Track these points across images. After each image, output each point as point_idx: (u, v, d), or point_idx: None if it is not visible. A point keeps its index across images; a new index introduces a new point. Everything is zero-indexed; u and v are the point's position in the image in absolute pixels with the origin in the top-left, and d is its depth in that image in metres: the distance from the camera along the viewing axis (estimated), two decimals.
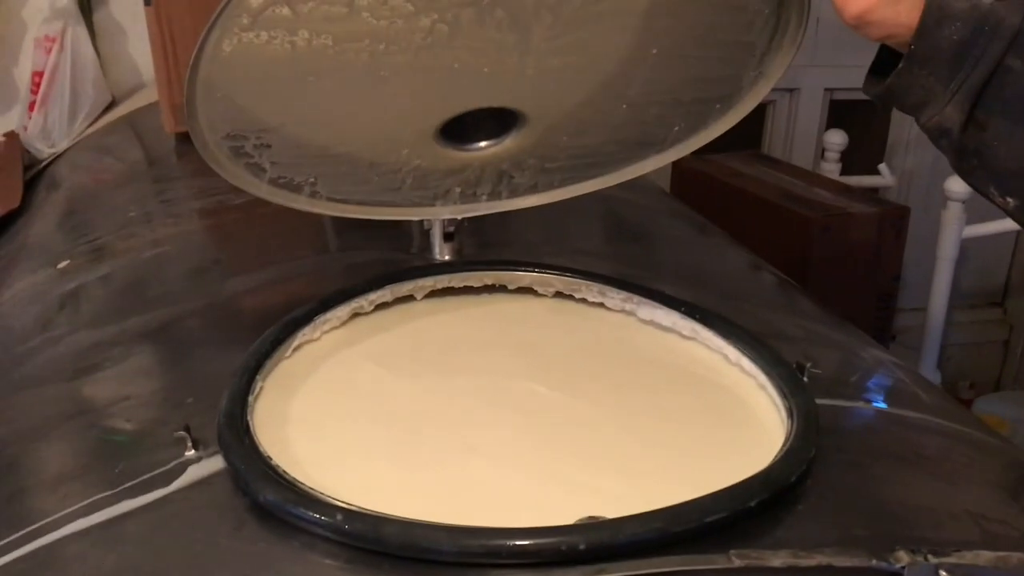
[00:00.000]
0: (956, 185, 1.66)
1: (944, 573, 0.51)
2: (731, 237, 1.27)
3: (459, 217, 0.90)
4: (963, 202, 1.67)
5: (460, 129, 0.80)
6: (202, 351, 0.82)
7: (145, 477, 0.63)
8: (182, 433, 0.65)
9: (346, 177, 0.82)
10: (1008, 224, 1.77)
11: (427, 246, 0.97)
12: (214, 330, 0.87)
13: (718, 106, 0.82)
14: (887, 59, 0.65)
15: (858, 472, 0.64)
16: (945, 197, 1.70)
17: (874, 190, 2.01)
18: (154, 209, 1.20)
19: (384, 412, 0.71)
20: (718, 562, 0.51)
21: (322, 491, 0.57)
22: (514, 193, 0.89)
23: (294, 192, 0.81)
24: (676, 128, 0.83)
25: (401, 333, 0.83)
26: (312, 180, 0.80)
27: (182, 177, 1.33)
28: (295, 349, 0.77)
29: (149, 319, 0.88)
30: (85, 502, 0.62)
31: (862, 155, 2.21)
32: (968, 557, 0.52)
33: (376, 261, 0.98)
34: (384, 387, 0.74)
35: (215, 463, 0.63)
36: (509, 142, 0.80)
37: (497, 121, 0.80)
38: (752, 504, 0.55)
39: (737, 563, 0.51)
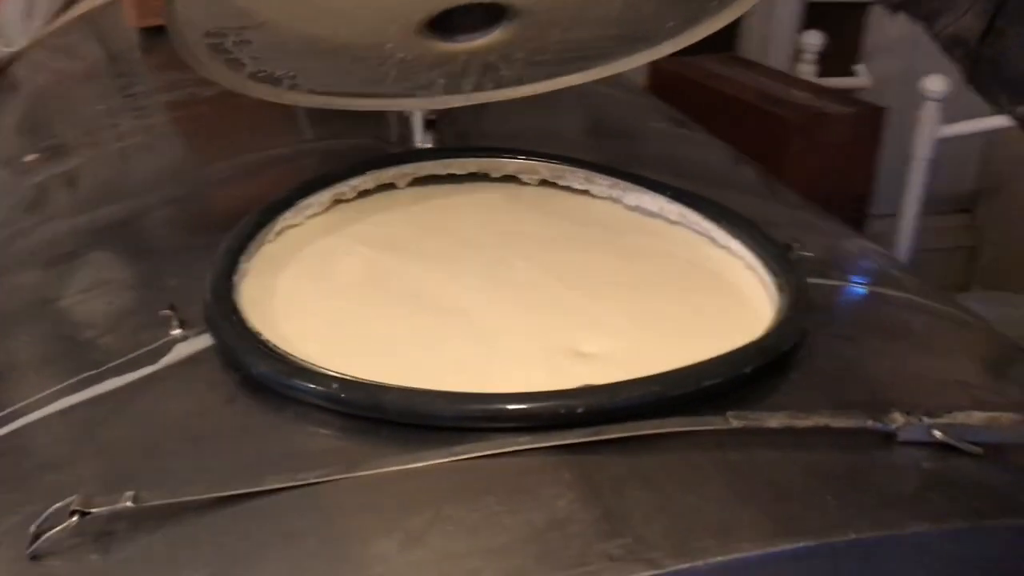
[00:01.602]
0: (933, 84, 1.65)
1: (937, 433, 0.52)
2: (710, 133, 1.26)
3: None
4: (940, 101, 1.66)
5: (447, 22, 0.77)
6: (180, 238, 0.81)
7: (131, 356, 0.62)
8: (168, 312, 0.64)
9: (328, 70, 0.79)
10: (983, 124, 1.78)
11: (407, 135, 0.95)
12: (191, 219, 0.85)
13: (714, 2, 0.79)
14: None
15: (850, 345, 0.65)
16: (922, 96, 1.69)
17: (850, 92, 2.00)
18: (120, 104, 1.16)
19: (372, 290, 0.70)
20: (716, 424, 0.51)
21: (313, 362, 0.56)
22: (499, 85, 0.86)
23: (274, 85, 0.78)
24: (669, 24, 0.80)
25: (384, 219, 0.81)
26: (292, 74, 0.77)
27: (147, 72, 1.29)
28: (278, 233, 0.75)
29: (123, 209, 0.86)
30: (69, 381, 0.61)
31: (838, 57, 2.19)
32: (960, 418, 0.53)
33: (353, 149, 0.95)
34: (371, 268, 0.73)
35: (202, 341, 0.62)
36: (497, 35, 0.77)
37: (486, 14, 0.77)
38: (748, 370, 0.56)
39: (735, 424, 0.51)
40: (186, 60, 0.68)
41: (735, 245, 0.76)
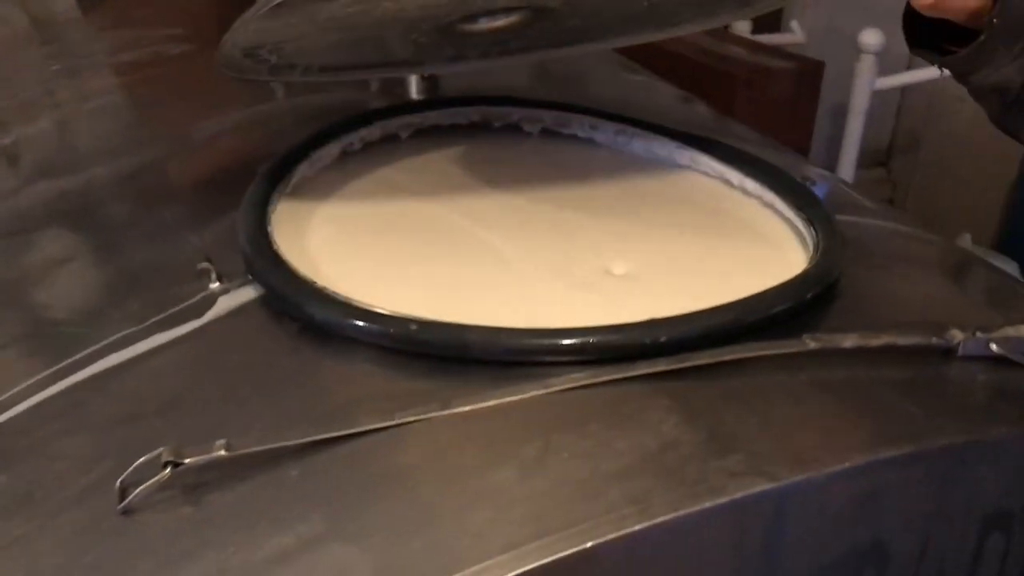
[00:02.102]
0: (869, 37, 1.70)
1: (994, 346, 0.54)
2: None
3: None
4: (876, 55, 1.72)
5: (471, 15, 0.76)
6: (186, 194, 0.78)
7: (174, 311, 0.60)
8: (206, 264, 0.61)
9: (344, 55, 0.77)
10: (917, 75, 1.85)
11: (388, 86, 0.94)
12: (190, 176, 0.82)
13: (732, 5, 0.80)
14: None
15: (883, 273, 0.67)
16: (858, 50, 1.74)
17: (782, 47, 2.05)
18: (79, 63, 1.10)
19: (402, 234, 0.69)
20: (794, 347, 0.52)
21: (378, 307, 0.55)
22: (503, 54, 0.85)
23: (289, 70, 0.75)
24: (686, 17, 0.81)
25: (396, 170, 0.80)
26: (310, 62, 0.75)
27: (95, 33, 1.23)
28: (295, 186, 0.74)
29: (116, 168, 0.82)
30: (115, 337, 0.58)
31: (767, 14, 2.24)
32: (1010, 332, 0.55)
33: (339, 104, 0.94)
34: (397, 213, 0.72)
35: (244, 293, 0.61)
36: (516, 19, 0.76)
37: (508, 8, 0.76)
38: (809, 297, 0.57)
39: (812, 345, 0.52)
40: (221, 66, 0.66)
41: (750, 184, 0.77)
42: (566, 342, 0.51)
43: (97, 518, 0.46)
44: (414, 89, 0.91)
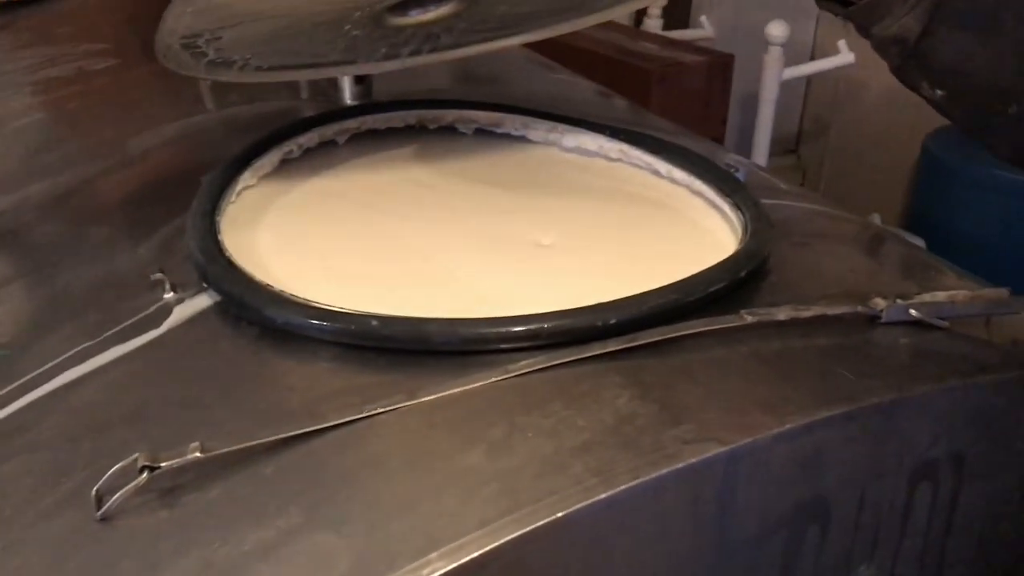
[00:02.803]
0: (776, 29, 1.77)
1: (914, 312, 0.59)
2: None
3: None
4: (782, 46, 1.79)
5: (403, 2, 0.78)
6: (126, 209, 0.78)
7: (129, 322, 0.60)
8: (160, 275, 0.62)
9: (280, 52, 0.78)
10: (821, 65, 1.93)
11: (323, 91, 0.95)
12: (128, 191, 0.82)
13: None
14: None
15: (807, 249, 0.71)
16: (766, 42, 1.81)
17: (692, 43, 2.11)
18: (1, 81, 1.08)
19: (346, 237, 0.71)
20: (733, 321, 0.56)
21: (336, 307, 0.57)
22: (435, 50, 0.87)
23: (226, 67, 0.76)
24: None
25: (336, 174, 0.82)
26: (248, 56, 0.76)
27: (11, 50, 1.21)
28: (238, 194, 0.75)
29: (51, 186, 0.82)
30: (70, 352, 0.59)
31: (673, 11, 2.31)
32: (927, 298, 0.60)
33: (272, 112, 0.95)
34: (338, 216, 0.74)
35: (201, 302, 0.62)
36: (447, 9, 0.78)
37: None
38: (743, 275, 0.61)
39: (749, 320, 0.56)
40: (162, 61, 0.66)
41: (678, 174, 0.81)
42: (521, 328, 0.54)
43: (75, 527, 0.47)
44: (348, 94, 0.92)
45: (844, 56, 1.82)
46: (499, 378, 0.52)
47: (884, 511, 0.55)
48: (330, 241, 0.71)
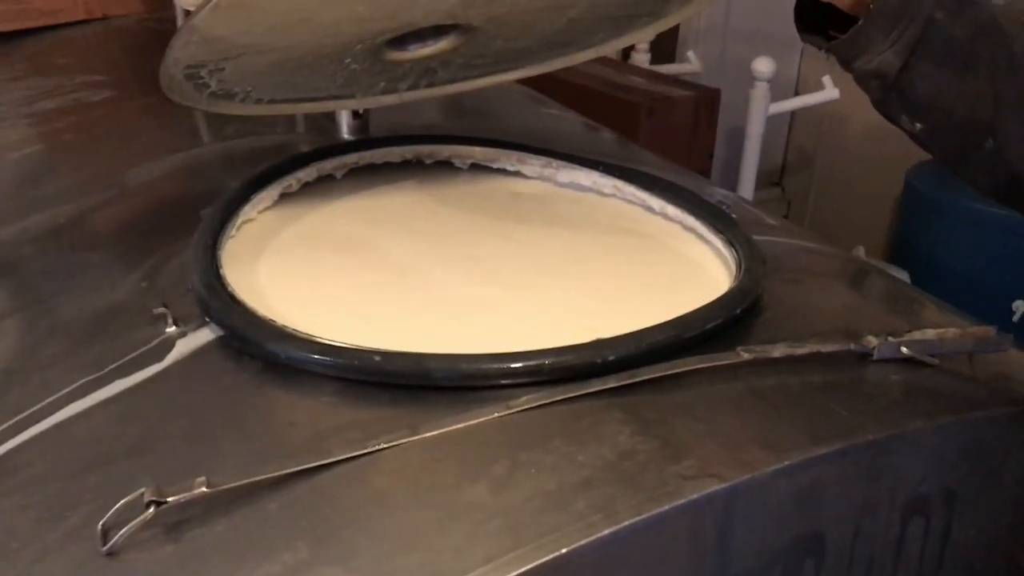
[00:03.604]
0: (762, 65, 1.80)
1: (904, 349, 0.60)
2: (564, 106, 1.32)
3: None
4: (768, 81, 1.82)
5: (402, 36, 0.79)
6: (126, 241, 0.79)
7: (132, 356, 0.61)
8: (162, 309, 0.63)
9: (281, 85, 0.80)
10: (806, 100, 1.96)
11: (318, 126, 0.96)
12: (128, 223, 0.82)
13: (644, 19, 0.85)
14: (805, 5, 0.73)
15: (797, 286, 0.73)
16: (752, 77, 1.84)
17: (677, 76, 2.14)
18: None
19: (349, 271, 0.72)
20: (730, 358, 0.57)
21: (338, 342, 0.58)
22: (431, 85, 0.88)
23: (228, 100, 0.77)
24: (600, 35, 0.86)
25: (335, 209, 0.83)
26: (249, 89, 0.77)
27: (10, 80, 1.21)
28: (238, 228, 0.75)
29: (51, 216, 0.82)
30: (72, 386, 0.59)
31: (658, 46, 2.34)
32: (917, 336, 0.61)
33: (269, 146, 0.96)
34: (341, 251, 0.75)
35: (203, 336, 0.62)
36: (444, 45, 0.79)
37: (438, 28, 0.79)
38: (739, 311, 0.62)
39: (745, 357, 0.57)
40: (162, 87, 0.67)
41: (671, 210, 0.82)
42: (522, 365, 0.55)
43: (81, 562, 0.47)
44: (345, 129, 0.94)
45: (829, 92, 1.85)
46: (501, 414, 0.52)
47: (877, 545, 0.56)
48: (330, 275, 0.72)
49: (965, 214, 1.88)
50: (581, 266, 0.76)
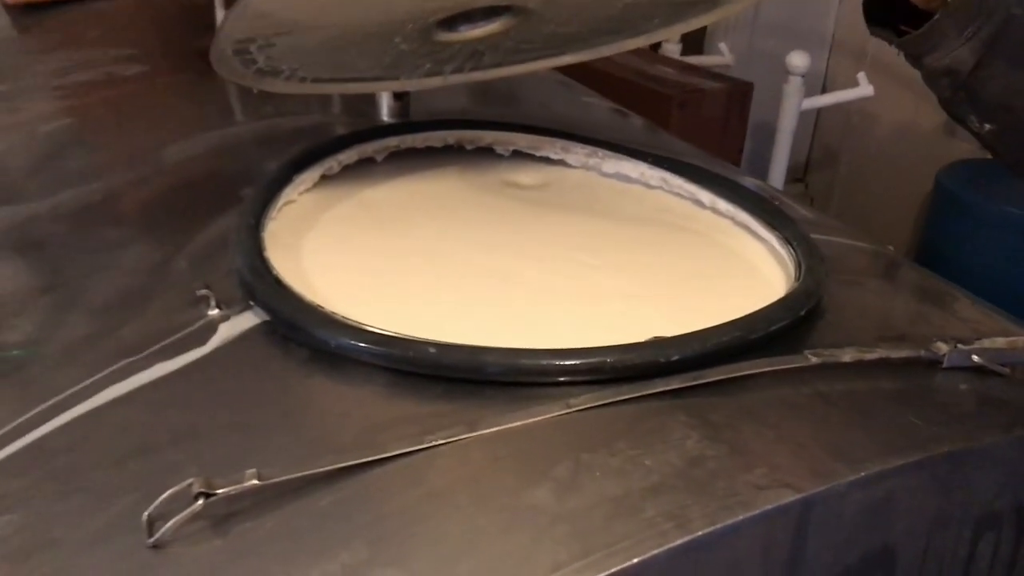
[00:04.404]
0: (797, 60, 1.77)
1: (975, 358, 0.58)
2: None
3: None
4: (802, 76, 1.79)
5: (453, 17, 0.77)
6: (164, 220, 0.76)
7: (173, 339, 0.59)
8: (205, 291, 0.61)
9: (328, 63, 0.77)
10: (840, 96, 1.93)
11: (355, 107, 0.94)
12: (165, 202, 0.80)
13: (702, 6, 0.82)
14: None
15: (856, 287, 0.70)
16: (787, 72, 1.81)
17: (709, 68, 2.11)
18: (23, 86, 1.07)
19: (397, 255, 0.70)
20: (799, 361, 0.55)
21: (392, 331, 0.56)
22: (477, 68, 0.86)
23: (274, 77, 0.75)
24: (655, 20, 0.83)
25: (376, 192, 0.80)
26: (296, 67, 0.74)
27: (32, 53, 1.19)
28: (279, 210, 0.73)
29: (85, 192, 0.80)
30: (111, 368, 0.57)
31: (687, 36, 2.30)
32: (987, 343, 0.59)
33: (306, 127, 0.94)
34: (382, 235, 0.73)
35: (246, 320, 0.60)
36: (495, 27, 0.77)
37: (489, 9, 0.77)
38: (803, 313, 0.60)
39: (814, 361, 0.55)
40: (212, 62, 0.65)
41: (722, 205, 0.80)
42: (583, 362, 0.53)
43: (125, 554, 0.45)
44: (385, 111, 0.91)
45: (863, 88, 1.82)
46: (561, 412, 0.50)
47: (947, 561, 0.53)
48: (375, 260, 0.70)
49: (998, 218, 1.85)
50: (631, 261, 0.74)
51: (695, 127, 1.80)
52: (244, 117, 1.00)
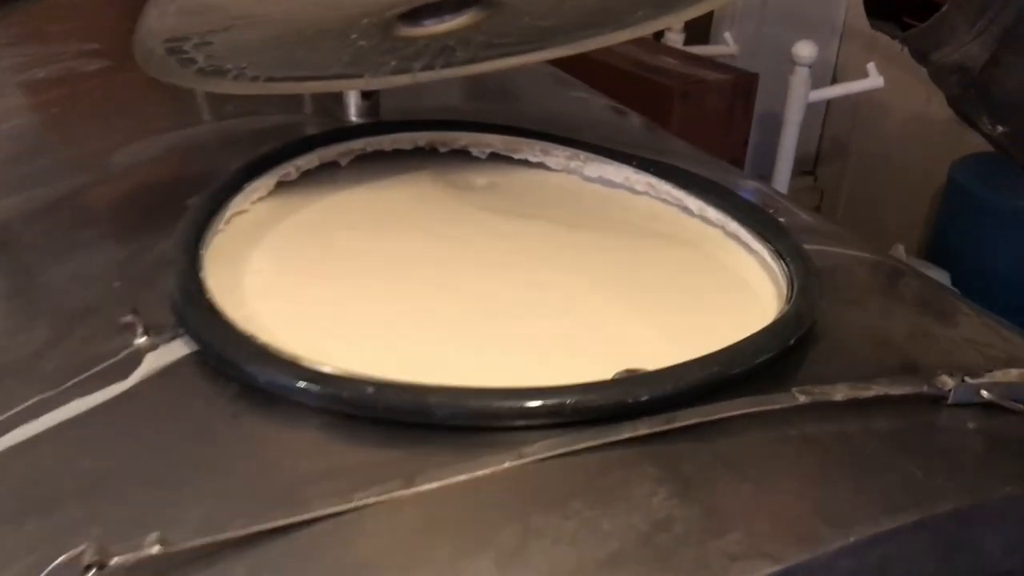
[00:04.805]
0: (803, 50, 1.70)
1: (985, 393, 0.52)
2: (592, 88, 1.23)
3: None
4: (809, 67, 1.72)
5: (416, 10, 0.71)
6: (107, 231, 0.71)
7: (95, 370, 0.53)
8: (131, 317, 0.55)
9: (280, 61, 0.71)
10: (849, 88, 1.86)
11: (327, 107, 0.88)
12: (110, 210, 0.75)
13: None
14: None
15: (855, 307, 0.64)
16: (793, 62, 1.74)
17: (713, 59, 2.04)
18: None
19: (349, 275, 0.64)
20: (784, 401, 0.49)
21: (330, 365, 0.50)
22: (448, 65, 0.79)
23: (219, 77, 0.69)
24: (639, 13, 0.77)
25: (337, 201, 0.74)
26: (243, 65, 0.68)
27: (4, 45, 1.14)
28: (227, 222, 0.67)
29: (22, 201, 0.74)
30: (24, 404, 0.51)
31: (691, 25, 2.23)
32: (998, 376, 0.53)
33: (272, 127, 0.88)
34: (340, 251, 0.67)
35: (175, 350, 0.55)
36: (464, 20, 0.71)
37: (456, 2, 0.71)
38: (792, 342, 0.54)
39: (803, 400, 0.49)
40: (139, 62, 0.59)
41: (712, 213, 0.74)
42: (540, 404, 0.47)
43: None
44: (353, 111, 0.85)
45: (873, 80, 1.75)
46: (512, 463, 0.44)
47: None
48: (326, 279, 0.64)
49: (1013, 214, 1.78)
50: (611, 277, 0.68)
51: (698, 119, 1.74)
52: (210, 116, 0.94)
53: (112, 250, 0.66)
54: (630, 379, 0.48)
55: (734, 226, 0.72)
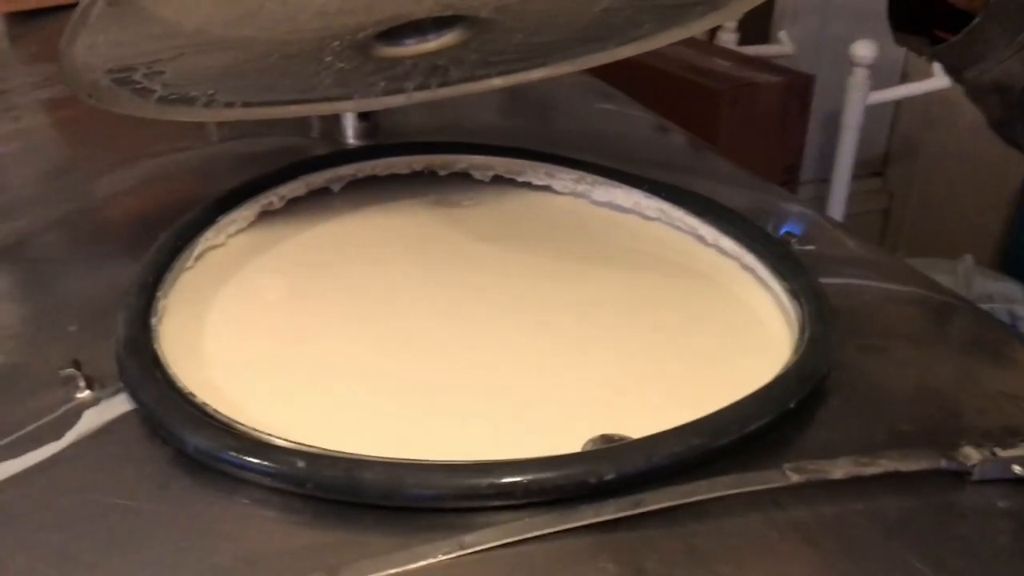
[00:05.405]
0: (862, 50, 1.60)
1: (1018, 468, 0.44)
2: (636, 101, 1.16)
3: None
4: (869, 67, 1.62)
5: (394, 30, 0.66)
6: (75, 269, 0.67)
7: (28, 429, 0.49)
8: (71, 370, 0.51)
9: (251, 85, 0.67)
10: (911, 89, 1.75)
11: (332, 129, 0.84)
12: (86, 243, 0.71)
13: (698, 9, 0.69)
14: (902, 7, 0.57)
15: (879, 356, 0.57)
16: (851, 63, 1.64)
17: (770, 59, 1.95)
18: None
19: (319, 327, 0.58)
20: (774, 480, 0.42)
21: (268, 431, 0.45)
22: (444, 84, 0.74)
23: (187, 105, 0.65)
24: (645, 27, 0.71)
25: (321, 233, 0.70)
26: (211, 91, 0.64)
27: (19, 63, 1.13)
28: (197, 258, 0.63)
29: (2, 233, 0.72)
30: None
31: (750, 24, 2.14)
32: None
33: (271, 151, 0.84)
34: (314, 298, 0.62)
35: (117, 405, 0.50)
36: (451, 39, 0.65)
37: (440, 21, 0.65)
38: (793, 405, 0.47)
39: (795, 479, 0.42)
40: (80, 96, 0.55)
41: (727, 243, 0.67)
42: (490, 483, 0.41)
43: None
44: (351, 133, 0.81)
45: (938, 79, 1.64)
46: (449, 555, 0.39)
47: None
48: (298, 325, 0.59)
49: None
50: (610, 318, 0.61)
51: (748, 124, 1.65)
52: (216, 138, 0.91)
53: (70, 291, 0.62)
54: (594, 454, 0.43)
55: (750, 259, 0.65)
